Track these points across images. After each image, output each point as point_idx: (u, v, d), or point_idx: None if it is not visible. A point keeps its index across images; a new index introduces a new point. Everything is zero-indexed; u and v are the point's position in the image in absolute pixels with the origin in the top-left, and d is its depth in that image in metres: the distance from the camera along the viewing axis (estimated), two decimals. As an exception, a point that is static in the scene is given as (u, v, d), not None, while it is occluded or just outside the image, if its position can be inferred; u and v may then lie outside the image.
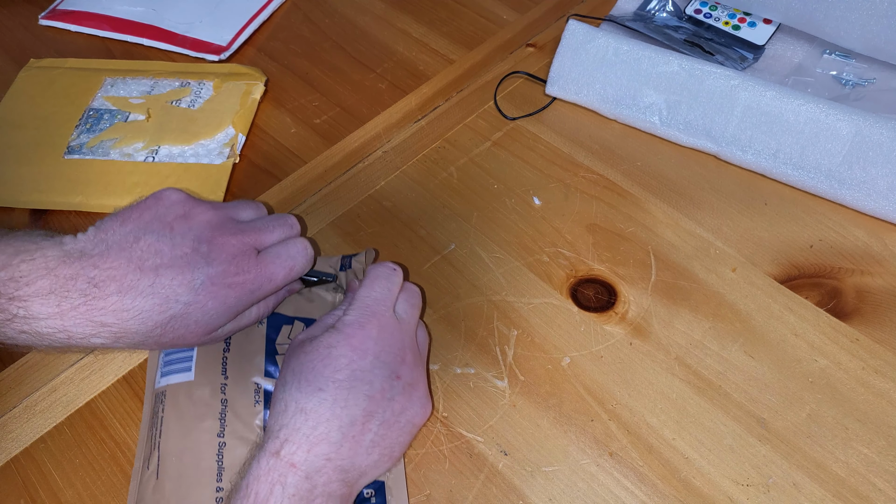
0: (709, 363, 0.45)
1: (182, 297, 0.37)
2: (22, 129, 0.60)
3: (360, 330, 0.38)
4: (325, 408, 0.35)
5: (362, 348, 0.37)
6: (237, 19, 0.69)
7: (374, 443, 0.37)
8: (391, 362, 0.38)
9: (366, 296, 0.40)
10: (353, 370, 0.37)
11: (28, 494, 0.42)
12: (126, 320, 0.36)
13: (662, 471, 0.41)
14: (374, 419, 0.37)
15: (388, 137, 0.59)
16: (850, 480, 0.40)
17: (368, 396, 0.36)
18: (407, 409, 0.38)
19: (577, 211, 0.53)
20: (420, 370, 0.40)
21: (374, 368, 0.37)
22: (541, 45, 0.65)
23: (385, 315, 0.40)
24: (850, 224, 0.51)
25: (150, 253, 0.37)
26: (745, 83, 0.53)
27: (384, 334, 0.39)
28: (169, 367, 0.42)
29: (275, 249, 0.41)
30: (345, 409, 0.36)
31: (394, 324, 0.40)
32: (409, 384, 0.39)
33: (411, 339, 0.41)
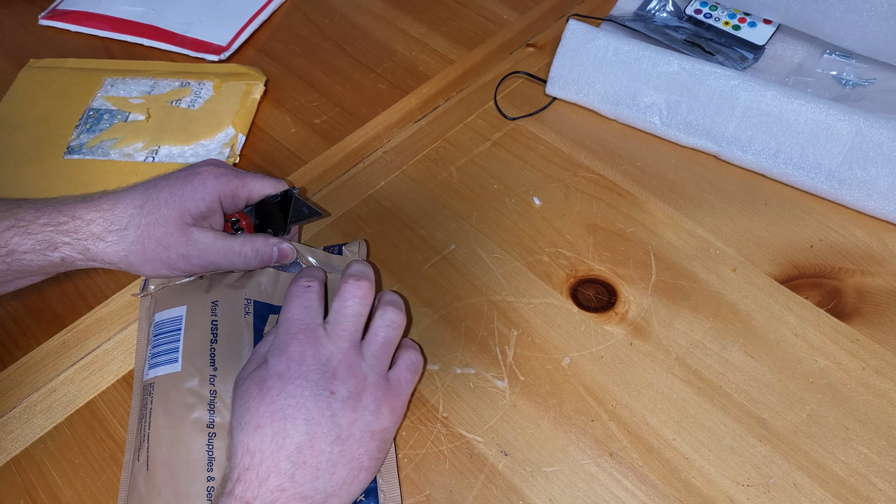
0: (709, 363, 0.45)
1: None
2: (22, 129, 0.60)
3: (283, 357, 0.37)
4: (266, 443, 0.35)
5: (288, 374, 0.37)
6: (237, 19, 0.69)
7: (332, 462, 0.36)
8: (319, 380, 0.37)
9: (284, 319, 0.39)
10: (284, 399, 0.36)
11: (28, 494, 0.42)
12: None
13: (663, 471, 0.41)
14: (322, 440, 0.36)
15: (388, 137, 0.59)
16: (851, 481, 0.40)
17: (307, 420, 0.36)
18: (356, 420, 0.37)
19: (578, 211, 0.53)
20: (360, 379, 0.38)
21: (303, 390, 0.36)
22: (541, 45, 0.65)
23: (304, 335, 0.38)
24: (851, 224, 0.51)
25: None
26: (746, 83, 0.53)
27: (305, 354, 0.37)
28: (156, 359, 0.42)
29: None
30: (286, 438, 0.35)
31: (315, 341, 0.38)
32: (350, 396, 0.37)
33: (344, 350, 0.39)
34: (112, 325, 0.49)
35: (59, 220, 0.42)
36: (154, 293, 0.47)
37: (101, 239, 0.42)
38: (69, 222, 0.42)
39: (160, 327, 0.44)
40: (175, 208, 0.42)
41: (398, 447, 0.42)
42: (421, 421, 0.43)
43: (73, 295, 0.51)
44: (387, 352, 0.41)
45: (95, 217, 0.42)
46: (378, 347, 0.40)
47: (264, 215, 0.48)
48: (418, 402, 0.44)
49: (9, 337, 0.49)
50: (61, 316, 0.49)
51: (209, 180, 0.43)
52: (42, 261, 0.43)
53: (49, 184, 0.56)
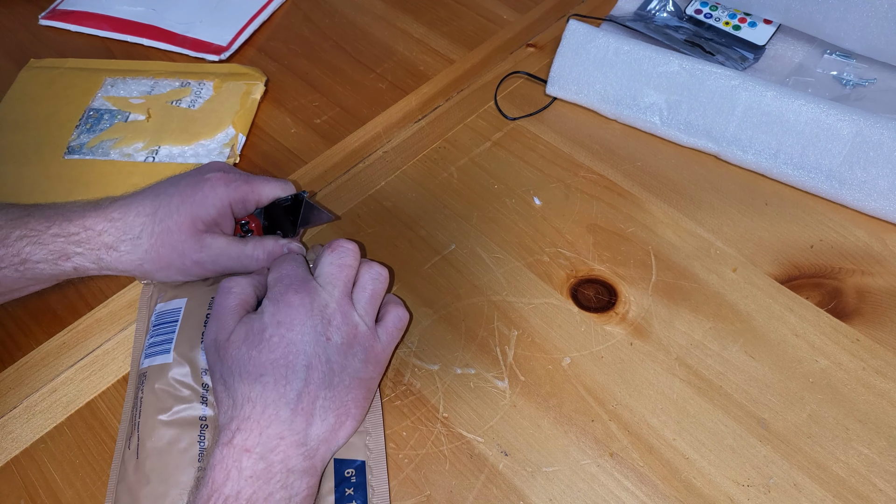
0: (709, 363, 0.45)
1: None
2: (22, 129, 0.60)
3: (282, 305, 0.38)
4: (269, 390, 0.36)
5: (287, 321, 0.38)
6: (237, 19, 0.69)
7: (324, 408, 0.37)
8: (317, 326, 0.38)
9: (277, 276, 0.41)
10: (286, 346, 0.37)
11: (28, 494, 0.42)
12: None
13: (663, 471, 0.41)
14: (317, 385, 0.37)
15: (389, 137, 0.59)
16: (851, 481, 0.40)
17: (306, 366, 0.37)
18: (346, 366, 0.39)
19: (578, 211, 0.53)
20: (352, 327, 0.40)
21: (304, 336, 0.38)
22: (541, 45, 0.65)
23: (300, 285, 0.40)
24: (851, 224, 0.51)
25: None
26: (746, 83, 0.53)
27: (304, 301, 0.39)
28: (152, 349, 0.43)
29: None
30: (287, 385, 0.36)
31: (311, 291, 0.40)
32: (343, 342, 0.39)
33: (337, 299, 0.40)
34: (112, 325, 0.49)
35: (69, 230, 0.43)
36: (155, 284, 0.47)
37: (115, 249, 0.43)
38: (80, 233, 0.43)
39: (160, 318, 0.44)
40: (187, 216, 0.43)
41: (399, 447, 0.42)
42: (421, 421, 0.43)
43: (73, 295, 0.51)
44: (375, 303, 0.42)
45: (107, 227, 0.43)
46: (367, 299, 0.42)
47: (273, 217, 0.48)
48: (418, 402, 0.44)
49: (9, 337, 0.49)
50: (61, 316, 0.49)
51: (219, 187, 0.44)
52: (55, 270, 0.43)
53: (49, 184, 0.56)
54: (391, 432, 0.43)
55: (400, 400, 0.44)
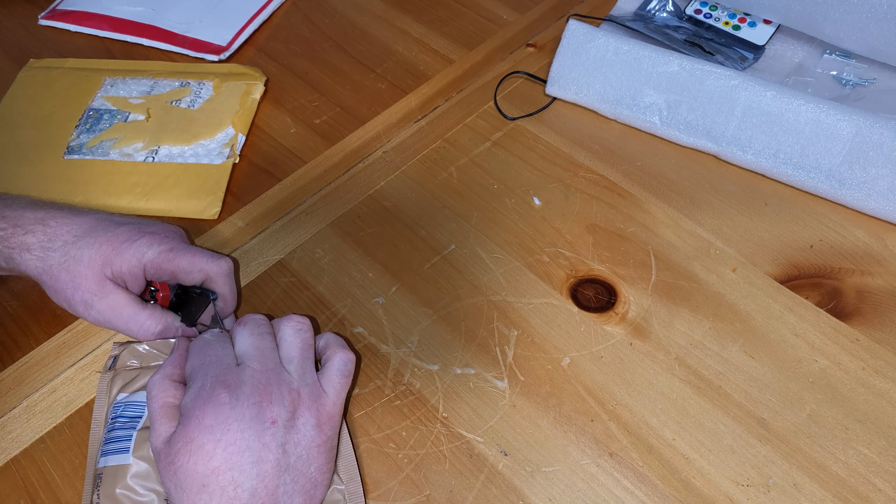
0: (709, 363, 0.45)
1: None
2: (22, 129, 0.60)
3: (210, 406, 0.35)
4: (216, 499, 0.34)
5: (221, 423, 0.35)
6: (237, 19, 0.69)
7: (289, 492, 0.35)
8: (256, 414, 0.35)
9: (198, 365, 0.38)
10: (223, 450, 0.34)
11: (28, 494, 0.42)
12: None
13: (662, 471, 0.41)
14: (274, 476, 0.35)
15: (388, 137, 0.59)
16: (851, 481, 0.40)
17: (254, 462, 0.34)
18: (300, 440, 0.36)
19: (577, 211, 0.53)
20: (293, 396, 0.37)
21: (244, 433, 0.35)
22: (541, 45, 0.65)
23: (223, 373, 0.37)
24: (851, 224, 0.51)
25: None
26: (746, 83, 0.53)
27: (235, 394, 0.36)
28: (109, 446, 0.40)
29: None
30: (238, 488, 0.34)
31: (237, 375, 0.37)
32: (290, 417, 0.36)
33: (269, 369, 0.37)
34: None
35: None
36: (121, 373, 0.43)
37: (29, 251, 0.42)
38: (7, 228, 0.42)
39: (123, 410, 0.41)
40: (100, 257, 0.42)
41: (398, 447, 0.42)
42: (421, 421, 0.43)
43: (73, 295, 0.51)
44: (308, 355, 0.40)
45: (37, 229, 0.42)
46: (298, 356, 0.39)
47: (186, 297, 0.46)
48: (418, 402, 0.44)
49: (9, 337, 0.49)
50: (61, 316, 0.49)
51: (144, 246, 0.42)
52: None
53: (49, 184, 0.56)
54: (391, 432, 0.43)
55: (400, 400, 0.44)
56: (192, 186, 0.55)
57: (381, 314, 0.48)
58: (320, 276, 0.50)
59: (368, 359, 0.46)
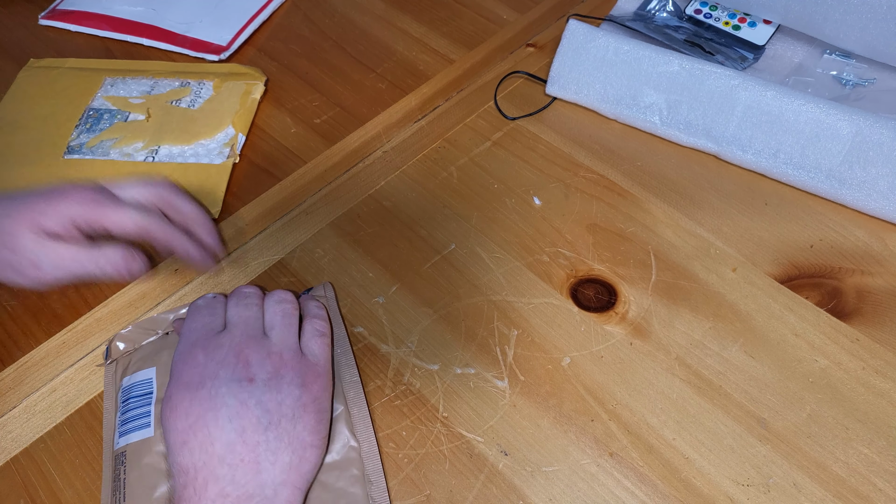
0: (709, 363, 0.45)
1: None
2: (22, 129, 0.60)
3: (188, 365, 0.37)
4: (195, 455, 0.35)
5: (196, 381, 0.37)
6: (237, 19, 0.69)
7: (271, 449, 0.36)
8: (232, 373, 0.37)
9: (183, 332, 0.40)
10: (198, 406, 0.36)
11: (28, 494, 0.42)
12: None
13: (663, 471, 0.41)
14: (253, 431, 0.35)
15: (388, 137, 0.59)
16: (851, 480, 0.40)
17: (230, 417, 0.35)
18: (284, 398, 0.37)
19: (578, 211, 0.53)
20: (275, 357, 0.38)
21: (217, 390, 0.36)
22: (541, 45, 0.65)
23: (206, 340, 0.39)
24: (851, 224, 0.51)
25: None
26: (746, 83, 0.53)
27: (212, 355, 0.38)
28: (126, 426, 0.41)
29: None
30: (214, 443, 0.35)
31: (219, 340, 0.39)
32: (271, 376, 0.37)
33: (249, 335, 0.39)
34: (112, 325, 0.49)
35: None
36: (119, 359, 0.45)
37: None
38: None
39: (129, 392, 0.42)
40: (25, 217, 0.41)
41: (398, 447, 0.42)
42: (421, 421, 0.43)
43: (73, 295, 0.51)
44: (289, 323, 0.41)
45: None
46: (279, 324, 0.40)
47: None
48: (418, 401, 0.44)
49: (9, 337, 0.49)
50: (61, 316, 0.49)
51: (64, 203, 0.41)
52: None
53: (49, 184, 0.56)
54: (391, 432, 0.43)
55: (400, 400, 0.44)
56: (192, 186, 0.55)
57: (381, 314, 0.48)
58: (320, 276, 0.50)
59: (368, 359, 0.46)
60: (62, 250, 0.41)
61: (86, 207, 0.42)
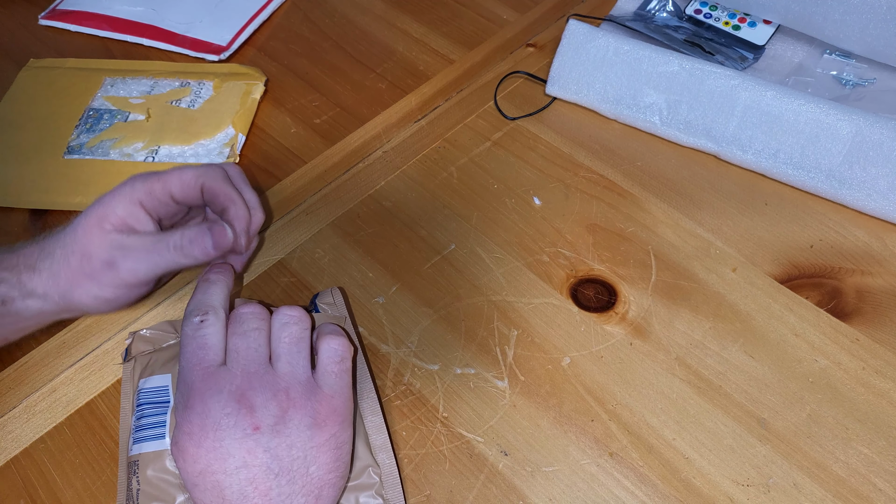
0: (709, 363, 0.45)
1: None
2: (22, 129, 0.60)
3: (188, 413, 0.35)
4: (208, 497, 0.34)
5: (199, 432, 0.34)
6: (237, 19, 0.69)
7: (285, 494, 0.34)
8: (236, 423, 0.34)
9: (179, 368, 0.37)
10: (204, 455, 0.34)
11: (28, 494, 0.42)
12: None
13: (663, 471, 0.41)
14: (263, 479, 0.34)
15: (388, 137, 0.59)
16: (851, 480, 0.40)
17: (239, 467, 0.34)
18: (294, 442, 0.35)
19: (578, 211, 0.53)
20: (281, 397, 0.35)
21: (221, 442, 0.34)
22: (541, 45, 0.65)
23: (203, 380, 0.36)
24: (851, 224, 0.51)
25: None
26: (746, 83, 0.53)
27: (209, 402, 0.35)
28: (141, 433, 0.39)
29: None
30: (225, 491, 0.34)
31: (217, 381, 0.35)
32: (277, 421, 0.35)
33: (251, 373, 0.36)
34: (112, 325, 0.49)
35: (7, 259, 0.40)
36: (138, 358, 0.43)
37: (34, 269, 0.40)
38: (12, 258, 0.40)
39: (145, 396, 0.41)
40: (92, 216, 0.40)
41: (398, 447, 0.42)
42: (421, 421, 0.43)
43: (73, 295, 0.51)
44: (297, 352, 0.37)
45: (33, 250, 0.41)
46: (285, 353, 0.37)
47: None
48: (418, 401, 0.44)
49: (9, 337, 0.49)
50: (61, 316, 0.49)
51: (125, 186, 0.41)
52: None
53: (49, 184, 0.56)
54: (391, 432, 0.43)
55: (400, 400, 0.44)
56: (192, 186, 0.55)
57: (381, 314, 0.48)
58: (320, 276, 0.50)
59: (368, 359, 0.46)
60: (135, 241, 0.40)
61: (146, 183, 0.41)
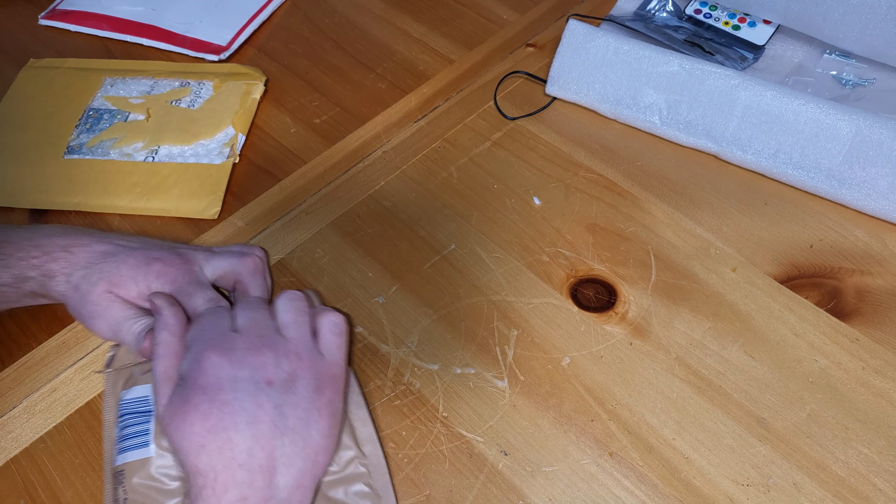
0: (709, 363, 0.45)
1: None
2: (22, 129, 0.60)
3: (205, 367, 0.36)
4: (214, 459, 0.34)
5: (215, 384, 0.35)
6: (237, 19, 0.69)
7: (287, 454, 0.35)
8: (251, 375, 0.36)
9: (195, 335, 0.39)
10: (219, 409, 0.35)
11: (28, 494, 0.42)
12: None
13: (662, 471, 0.41)
14: (270, 436, 0.35)
15: (388, 137, 0.59)
16: (851, 480, 0.40)
17: (249, 422, 0.35)
18: (299, 402, 0.36)
19: (577, 211, 0.53)
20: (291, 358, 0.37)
21: (237, 393, 0.35)
22: (541, 44, 0.65)
23: (221, 340, 0.37)
24: (850, 224, 0.51)
25: None
26: (746, 83, 0.53)
27: (230, 357, 0.36)
28: (125, 443, 0.40)
29: None
30: (234, 448, 0.34)
31: (234, 342, 0.37)
32: (288, 378, 0.37)
33: (263, 335, 0.38)
34: (112, 324, 0.49)
35: (32, 254, 0.43)
36: (120, 370, 0.44)
37: (53, 277, 0.43)
38: (39, 255, 0.43)
39: (127, 407, 0.41)
40: (109, 284, 0.42)
41: (398, 447, 0.42)
42: (421, 421, 0.43)
43: (73, 295, 0.51)
44: (302, 320, 0.40)
45: (61, 256, 0.43)
46: (293, 322, 0.39)
47: None
48: (418, 401, 0.44)
49: (9, 337, 0.49)
50: (61, 316, 0.49)
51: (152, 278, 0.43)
52: (16, 293, 0.44)
53: (49, 184, 0.56)
54: (391, 432, 0.43)
55: (399, 400, 0.44)
56: (192, 186, 0.55)
57: (381, 314, 0.48)
58: (320, 276, 0.50)
59: (368, 358, 0.46)
60: (115, 310, 0.43)
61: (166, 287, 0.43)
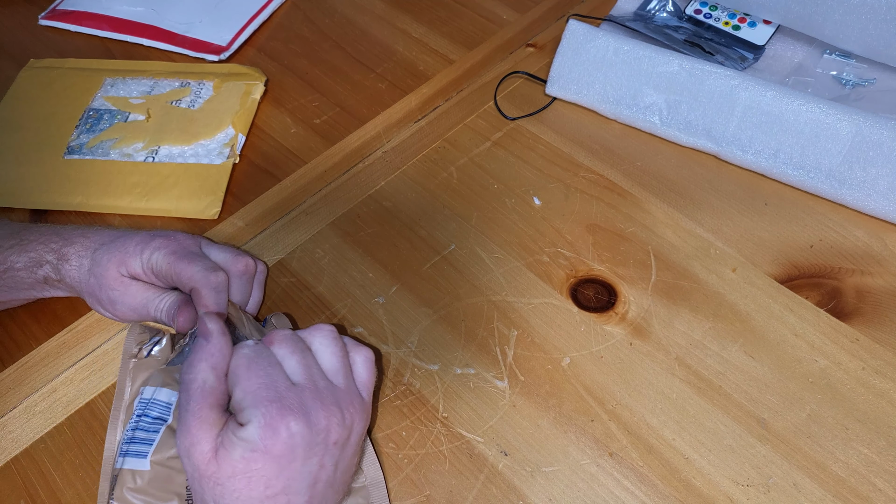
0: (709, 363, 0.45)
1: None
2: (22, 129, 0.60)
3: (280, 434, 0.33)
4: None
5: (289, 454, 0.34)
6: (237, 19, 0.69)
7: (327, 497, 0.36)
8: (326, 439, 0.35)
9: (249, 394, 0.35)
10: (286, 478, 0.34)
11: (28, 494, 0.42)
12: None
13: (662, 471, 0.41)
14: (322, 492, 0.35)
15: (388, 137, 0.59)
16: (851, 480, 0.40)
17: (310, 484, 0.35)
18: (347, 454, 0.37)
19: (577, 211, 0.53)
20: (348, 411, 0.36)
21: (309, 459, 0.34)
22: (541, 45, 0.65)
23: (287, 396, 0.35)
24: (850, 224, 0.51)
25: None
26: (746, 83, 0.53)
27: (306, 419, 0.34)
28: (130, 446, 0.39)
29: None
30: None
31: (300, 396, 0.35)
32: (348, 434, 0.36)
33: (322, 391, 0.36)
34: (112, 325, 0.49)
35: (52, 240, 0.45)
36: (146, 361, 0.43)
37: (68, 261, 0.45)
38: (58, 241, 0.45)
39: (146, 408, 0.40)
40: (116, 260, 0.44)
41: (398, 447, 0.42)
42: (421, 421, 0.43)
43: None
44: (346, 364, 0.38)
45: (77, 240, 0.45)
46: (338, 366, 0.38)
47: None
48: (418, 402, 0.44)
49: (9, 337, 0.49)
50: (61, 316, 0.49)
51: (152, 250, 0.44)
52: (31, 277, 0.45)
53: (49, 184, 0.56)
54: (391, 432, 0.43)
55: (400, 400, 0.44)
56: (192, 186, 0.55)
57: (381, 314, 0.48)
58: (320, 276, 0.50)
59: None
60: (135, 291, 0.44)
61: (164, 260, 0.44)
